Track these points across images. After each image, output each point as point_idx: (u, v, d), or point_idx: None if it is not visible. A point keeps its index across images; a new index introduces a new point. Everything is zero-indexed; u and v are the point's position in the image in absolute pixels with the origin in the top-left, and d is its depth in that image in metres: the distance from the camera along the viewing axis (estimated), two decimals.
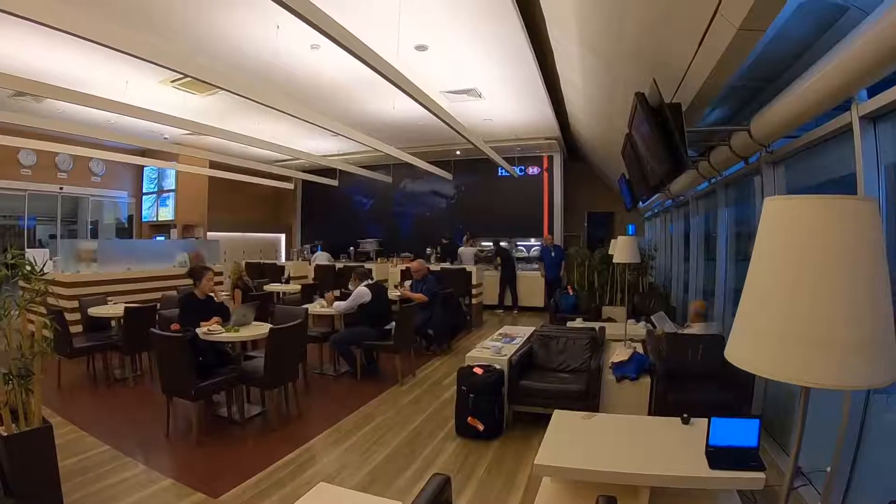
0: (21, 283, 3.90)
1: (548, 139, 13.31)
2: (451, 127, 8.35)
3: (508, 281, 13.50)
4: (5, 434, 3.56)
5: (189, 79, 8.15)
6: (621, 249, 6.27)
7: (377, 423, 5.54)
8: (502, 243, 14.28)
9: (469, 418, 5.07)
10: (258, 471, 4.38)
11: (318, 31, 4.58)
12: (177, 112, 9.76)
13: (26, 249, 11.59)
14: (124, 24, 6.67)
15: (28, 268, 3.84)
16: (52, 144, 11.33)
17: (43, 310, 4.24)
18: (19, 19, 4.47)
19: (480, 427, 5.03)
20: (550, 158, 14.97)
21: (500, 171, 14.79)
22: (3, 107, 10.41)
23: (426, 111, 7.66)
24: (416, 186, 17.12)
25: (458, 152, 14.83)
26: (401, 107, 9.92)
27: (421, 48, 7.53)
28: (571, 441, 3.49)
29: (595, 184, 15.76)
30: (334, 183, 16.09)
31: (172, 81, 9.15)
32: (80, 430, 5.22)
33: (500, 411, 5.20)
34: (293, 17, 4.27)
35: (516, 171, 14.32)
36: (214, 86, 6.50)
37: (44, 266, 3.98)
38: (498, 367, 5.36)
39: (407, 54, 7.35)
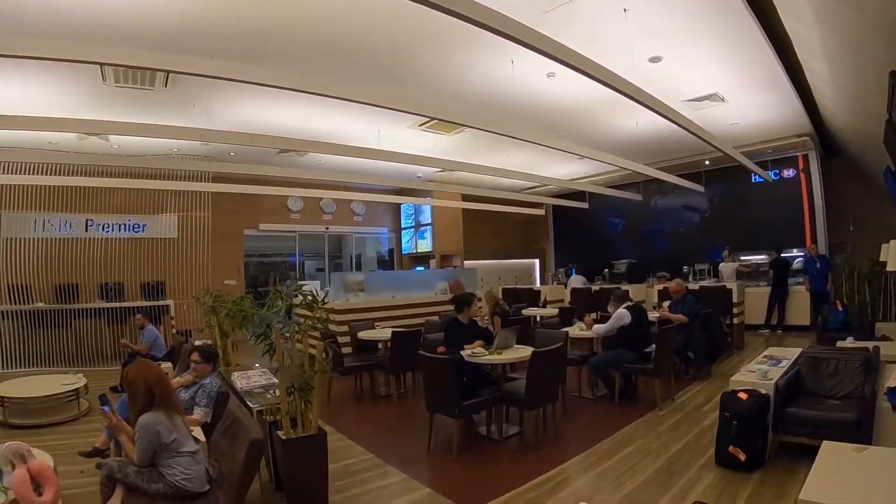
0: (301, 310, 4.71)
1: (799, 136, 12.19)
2: (699, 136, 8.15)
3: (778, 298, 12.51)
4: (284, 437, 4.31)
5: (436, 121, 9.08)
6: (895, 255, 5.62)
7: (633, 449, 5.51)
8: (783, 255, 13.15)
9: (730, 447, 4.82)
10: (512, 488, 4.60)
11: (553, 60, 4.81)
12: (427, 153, 10.82)
13: (300, 282, 13.24)
14: (373, 81, 7.76)
15: (310, 297, 4.61)
16: (316, 191, 13.43)
17: (317, 333, 4.86)
18: (283, 90, 5.47)
19: (742, 457, 4.76)
20: (805, 158, 13.51)
21: (753, 177, 13.83)
22: (271, 162, 12.46)
23: (670, 123, 7.65)
24: (667, 202, 16.64)
25: (706, 162, 14.24)
26: (643, 122, 9.91)
27: (655, 59, 7.53)
28: (841, 476, 3.21)
29: (859, 181, 13.93)
30: (585, 205, 16.29)
31: (420, 125, 10.13)
32: (348, 440, 5.99)
33: (764, 440, 4.91)
34: (527, 50, 4.53)
35: (770, 175, 13.26)
36: (460, 124, 7.12)
37: (325, 296, 4.72)
38: (763, 391, 5.04)
39: (642, 68, 7.37)
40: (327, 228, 17.21)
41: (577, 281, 14.96)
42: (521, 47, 4.53)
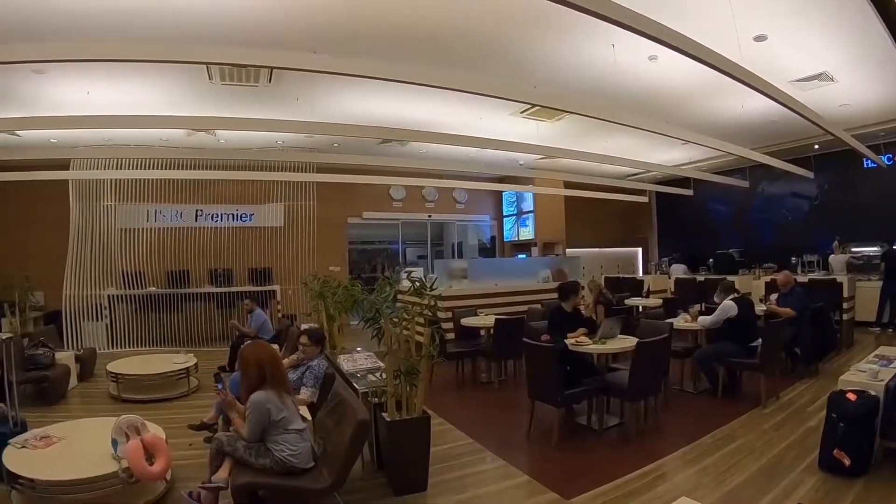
0: (407, 297, 5.01)
1: None
2: (807, 118, 7.78)
3: (891, 293, 11.70)
4: (389, 419, 4.55)
5: (537, 108, 9.09)
6: None
7: (736, 446, 5.40)
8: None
9: (835, 450, 4.63)
10: (612, 479, 4.64)
11: (655, 42, 4.76)
12: (529, 139, 10.77)
13: (404, 270, 13.64)
14: (473, 69, 7.82)
15: (418, 284, 4.84)
16: (417, 180, 13.66)
17: (421, 319, 5.01)
18: (384, 81, 5.62)
19: (846, 461, 4.57)
20: None
21: (865, 162, 12.98)
22: (373, 152, 12.77)
23: (776, 105, 7.32)
24: (775, 189, 15.99)
25: (816, 146, 13.55)
26: (750, 105, 9.54)
27: (760, 38, 7.25)
28: None
29: None
30: (689, 192, 15.82)
31: (522, 112, 10.15)
32: (448, 423, 6.19)
33: (870, 445, 4.68)
34: (628, 33, 4.49)
35: (883, 160, 12.36)
36: (561, 111, 7.09)
37: (433, 283, 4.93)
38: (873, 393, 4.81)
39: (747, 48, 7.10)
40: (429, 216, 17.48)
41: (678, 270, 14.68)
42: (623, 30, 4.50)
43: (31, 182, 10.95)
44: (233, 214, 13.99)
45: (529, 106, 9.40)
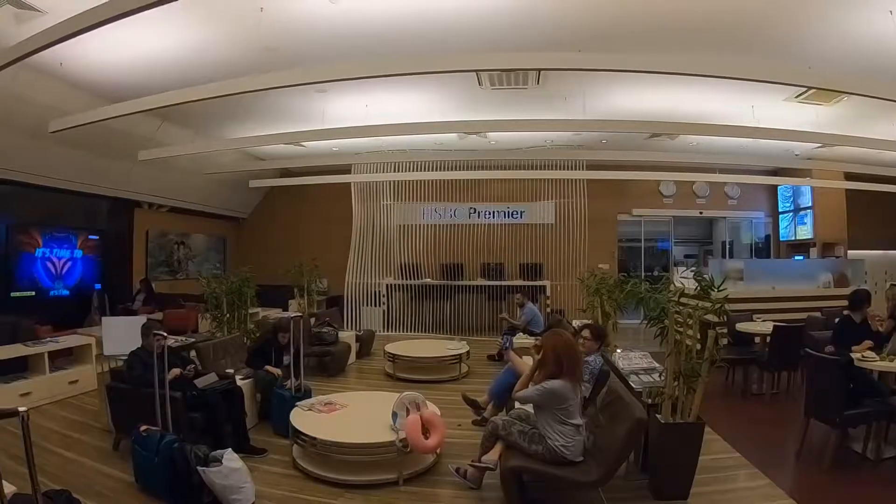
0: (685, 298, 4.81)
1: None
2: None
3: None
4: (663, 421, 4.48)
5: (812, 90, 8.27)
6: None
7: None
8: None
9: None
10: None
11: None
12: (805, 127, 9.84)
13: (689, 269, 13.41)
14: (743, 53, 7.31)
15: (705, 283, 4.68)
16: (686, 175, 13.31)
17: (689, 321, 4.82)
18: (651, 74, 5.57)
19: None
20: None
21: None
22: (642, 147, 12.54)
23: None
24: None
25: None
26: None
27: None
28: None
29: None
30: None
31: (797, 97, 9.29)
32: (714, 433, 5.81)
33: None
34: None
35: None
36: (840, 92, 6.44)
37: (721, 283, 4.70)
38: None
39: None
40: (701, 213, 16.64)
41: None
42: None
43: (317, 185, 12.87)
44: (504, 212, 14.65)
45: (804, 89, 8.46)
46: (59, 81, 8.22)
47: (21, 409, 2.72)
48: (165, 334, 5.02)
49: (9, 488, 2.82)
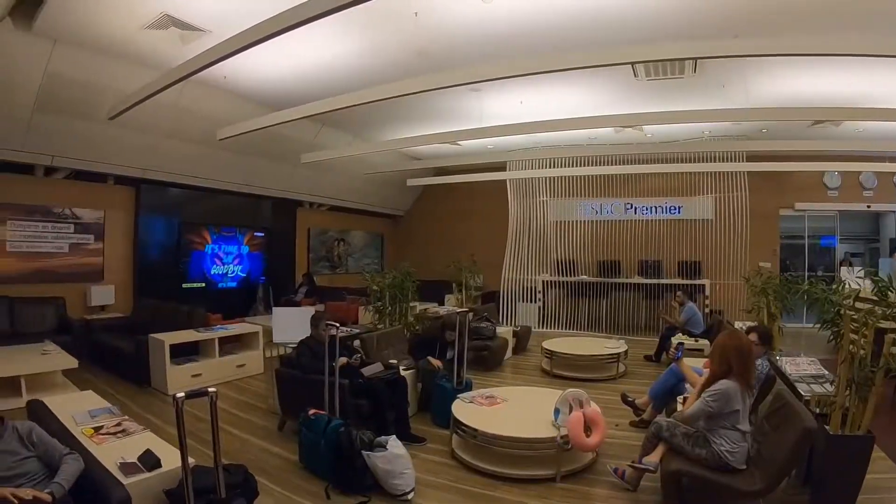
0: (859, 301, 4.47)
1: None
2: None
3: None
4: (832, 433, 4.17)
5: None
6: None
7: None
8: None
9: None
10: None
11: None
12: None
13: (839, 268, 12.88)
14: None
15: (882, 283, 4.35)
16: (850, 164, 12.53)
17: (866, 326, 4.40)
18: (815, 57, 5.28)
19: None
20: None
21: None
22: (804, 136, 11.74)
23: None
24: None
25: None
26: None
27: None
28: None
29: None
30: None
31: None
32: (879, 450, 5.15)
33: None
34: None
35: None
36: None
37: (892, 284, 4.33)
38: None
39: None
40: (868, 206, 15.24)
41: None
42: None
43: (471, 182, 13.18)
44: (661, 207, 14.19)
45: None
46: (223, 93, 8.98)
47: (211, 389, 3.06)
48: (337, 325, 5.27)
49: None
